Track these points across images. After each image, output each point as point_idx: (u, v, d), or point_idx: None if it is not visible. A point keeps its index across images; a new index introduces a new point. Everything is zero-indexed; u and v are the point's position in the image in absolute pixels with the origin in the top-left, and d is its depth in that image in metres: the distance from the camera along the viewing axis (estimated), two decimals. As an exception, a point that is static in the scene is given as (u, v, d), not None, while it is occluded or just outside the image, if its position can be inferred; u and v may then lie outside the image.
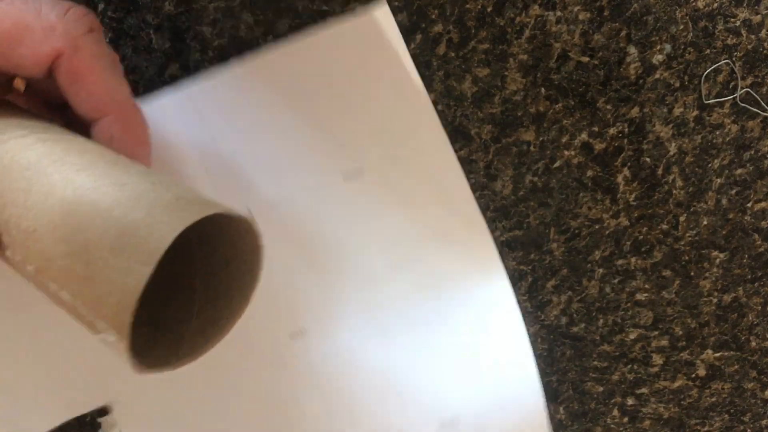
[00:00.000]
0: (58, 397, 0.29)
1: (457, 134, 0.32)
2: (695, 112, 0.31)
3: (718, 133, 0.32)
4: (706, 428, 0.39)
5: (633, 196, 0.33)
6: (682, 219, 0.34)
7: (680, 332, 0.37)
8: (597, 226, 0.34)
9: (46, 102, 0.25)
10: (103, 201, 0.17)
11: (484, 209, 0.34)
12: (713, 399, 0.39)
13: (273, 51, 0.28)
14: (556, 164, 0.32)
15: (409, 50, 0.30)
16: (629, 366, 0.38)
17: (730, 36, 0.30)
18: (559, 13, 0.29)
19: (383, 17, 0.26)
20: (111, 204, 0.16)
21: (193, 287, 0.20)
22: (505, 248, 0.34)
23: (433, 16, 0.30)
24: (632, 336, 0.37)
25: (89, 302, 0.16)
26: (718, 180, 0.33)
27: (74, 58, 0.22)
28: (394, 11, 0.29)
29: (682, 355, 0.37)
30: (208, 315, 0.20)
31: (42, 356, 0.28)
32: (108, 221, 0.16)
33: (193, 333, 0.19)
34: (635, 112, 0.31)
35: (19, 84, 0.26)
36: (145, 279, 0.15)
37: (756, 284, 0.35)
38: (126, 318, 0.15)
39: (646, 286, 0.35)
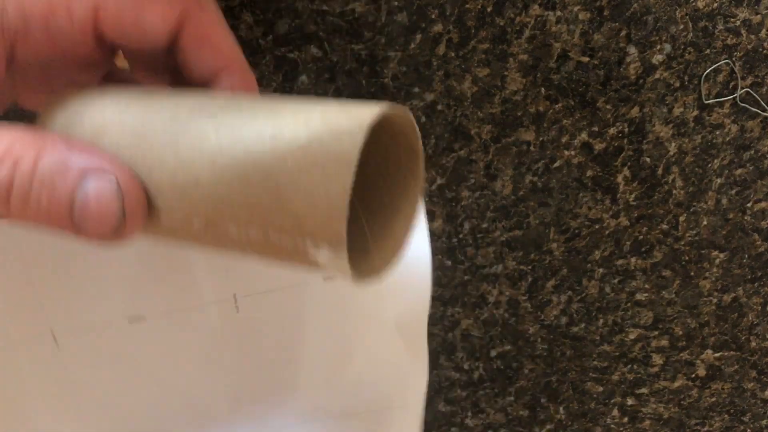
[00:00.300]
0: None
1: (457, 134, 0.32)
2: (695, 112, 0.31)
3: (718, 133, 0.32)
4: (706, 428, 0.40)
5: (633, 196, 0.33)
6: (682, 219, 0.34)
7: (680, 332, 0.37)
8: (597, 226, 0.34)
9: (147, 71, 0.24)
10: (266, 129, 0.16)
11: (484, 209, 0.34)
12: (713, 399, 0.39)
13: None
14: (556, 164, 0.32)
15: (409, 50, 0.30)
16: (629, 366, 0.38)
17: (730, 36, 0.30)
18: (559, 13, 0.29)
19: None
20: (276, 129, 0.16)
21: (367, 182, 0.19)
22: (505, 248, 0.34)
23: (433, 16, 0.30)
24: (632, 336, 0.37)
25: (288, 227, 0.16)
26: (718, 180, 0.33)
27: (202, 17, 0.22)
28: (394, 11, 0.30)
29: (682, 355, 0.37)
30: (391, 207, 0.19)
31: None
32: (284, 143, 0.15)
33: (383, 228, 0.19)
34: (635, 112, 0.31)
35: (122, 62, 0.25)
36: (350, 179, 0.14)
37: (756, 284, 0.35)
38: (340, 225, 0.15)
39: (646, 286, 0.35)
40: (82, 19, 0.20)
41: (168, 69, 0.23)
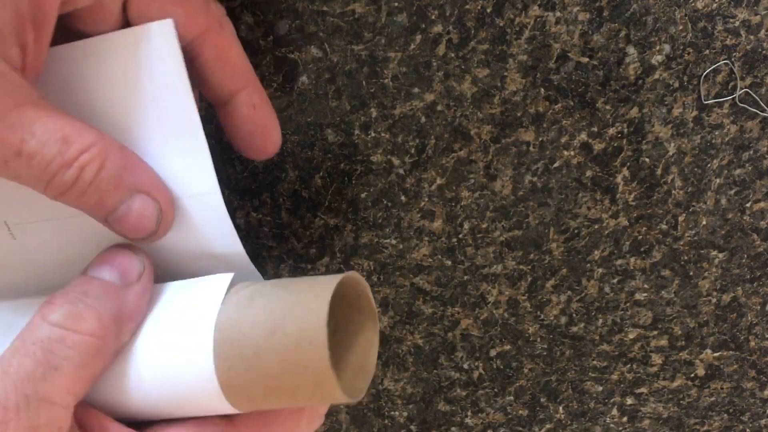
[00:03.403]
0: None
1: (457, 134, 0.32)
2: (694, 113, 0.32)
3: (717, 133, 0.32)
4: (705, 428, 0.40)
5: (632, 196, 0.33)
6: (681, 219, 0.34)
7: (679, 332, 0.37)
8: (596, 226, 0.34)
9: None
10: (281, 378, 0.22)
11: (483, 209, 0.34)
12: (712, 399, 0.39)
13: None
14: (556, 164, 0.33)
15: (409, 50, 0.30)
16: (628, 366, 0.38)
17: (729, 36, 0.30)
18: (558, 14, 0.30)
19: (163, 31, 0.23)
20: (284, 377, 0.22)
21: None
22: (504, 248, 0.34)
23: (433, 17, 0.30)
24: (631, 336, 0.37)
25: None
26: (717, 180, 0.33)
27: (221, 35, 0.24)
28: (394, 11, 0.30)
29: (681, 354, 0.37)
30: (359, 352, 0.26)
31: None
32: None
33: (356, 365, 0.26)
34: (634, 112, 0.31)
35: None
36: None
37: (755, 284, 0.35)
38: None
39: (646, 285, 0.35)
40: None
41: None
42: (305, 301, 0.22)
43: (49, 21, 0.22)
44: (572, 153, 0.32)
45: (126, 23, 0.23)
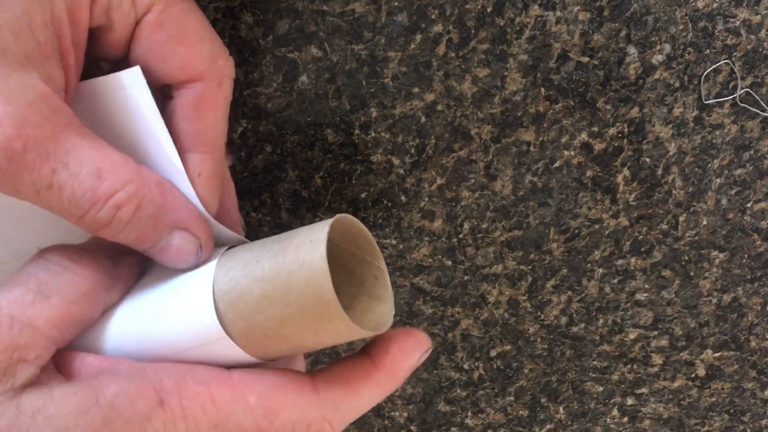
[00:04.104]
0: None
1: (457, 134, 0.32)
2: (695, 113, 0.31)
3: (717, 133, 0.32)
4: (705, 428, 0.40)
5: (633, 196, 0.33)
6: (681, 219, 0.34)
7: (680, 332, 0.37)
8: (597, 226, 0.34)
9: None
10: (276, 278, 0.22)
11: (484, 209, 0.34)
12: (713, 399, 0.39)
13: None
14: (556, 164, 0.33)
15: (409, 50, 0.30)
16: (629, 366, 0.38)
17: (730, 36, 0.30)
18: (558, 14, 0.30)
19: (133, 79, 0.23)
20: (280, 276, 0.21)
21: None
22: (505, 248, 0.34)
23: (433, 16, 0.30)
24: (632, 336, 0.37)
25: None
26: (718, 180, 0.33)
27: (212, 92, 0.23)
28: (394, 11, 0.30)
29: (681, 355, 0.37)
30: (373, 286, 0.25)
31: None
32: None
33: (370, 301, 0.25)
34: (635, 112, 0.31)
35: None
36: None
37: (755, 284, 0.35)
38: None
39: (646, 286, 0.35)
40: None
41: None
42: (311, 225, 0.22)
43: (83, 40, 0.21)
44: (573, 153, 0.32)
45: (126, 55, 0.23)
